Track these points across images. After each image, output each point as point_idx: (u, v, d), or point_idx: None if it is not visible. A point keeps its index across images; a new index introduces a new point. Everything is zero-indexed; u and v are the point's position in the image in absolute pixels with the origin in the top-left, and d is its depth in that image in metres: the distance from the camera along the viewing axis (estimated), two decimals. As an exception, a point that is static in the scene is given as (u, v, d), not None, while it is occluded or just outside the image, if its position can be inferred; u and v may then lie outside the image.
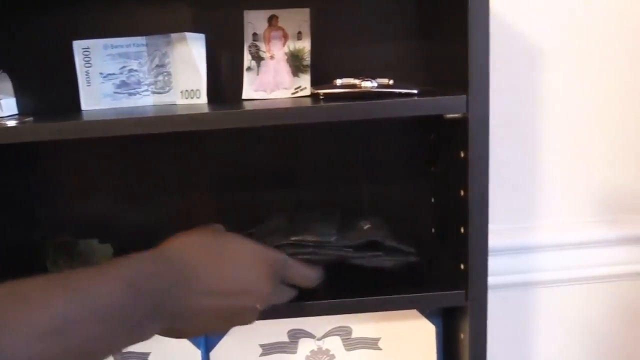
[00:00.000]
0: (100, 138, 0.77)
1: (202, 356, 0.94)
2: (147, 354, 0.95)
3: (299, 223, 0.88)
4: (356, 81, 0.82)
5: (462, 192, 0.78)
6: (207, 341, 0.95)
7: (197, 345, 0.94)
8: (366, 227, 0.87)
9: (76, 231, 1.04)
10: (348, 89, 0.81)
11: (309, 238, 0.83)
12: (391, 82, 0.83)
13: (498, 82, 1.04)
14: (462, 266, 0.80)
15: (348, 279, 0.86)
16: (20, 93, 0.99)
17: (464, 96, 0.74)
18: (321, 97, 0.84)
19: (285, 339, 0.94)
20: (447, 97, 0.74)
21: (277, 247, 0.84)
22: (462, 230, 0.79)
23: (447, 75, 0.85)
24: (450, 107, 0.75)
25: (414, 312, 0.93)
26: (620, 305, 1.19)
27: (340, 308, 0.82)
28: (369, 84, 0.80)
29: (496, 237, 1.12)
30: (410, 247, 0.84)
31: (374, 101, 0.74)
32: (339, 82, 0.84)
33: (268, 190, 1.04)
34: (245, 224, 1.01)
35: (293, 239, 0.83)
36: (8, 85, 0.98)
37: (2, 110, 0.95)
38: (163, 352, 0.94)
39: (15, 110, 0.99)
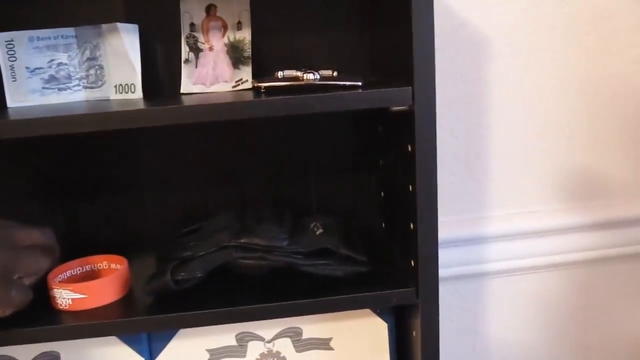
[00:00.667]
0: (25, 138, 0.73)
1: (145, 364, 0.90)
2: (86, 365, 0.90)
3: (247, 222, 0.85)
4: (298, 73, 0.78)
5: (410, 187, 0.76)
6: (151, 347, 0.91)
7: (141, 352, 0.90)
8: (318, 232, 0.84)
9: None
10: (290, 82, 0.78)
11: (258, 241, 0.80)
12: (335, 73, 0.81)
13: (443, 73, 1.02)
14: (412, 263, 0.78)
15: (296, 278, 0.83)
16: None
17: (409, 88, 0.72)
18: (262, 90, 0.80)
19: (234, 342, 0.91)
20: (391, 89, 0.72)
21: (224, 247, 0.81)
22: (411, 226, 0.77)
23: (392, 66, 0.82)
24: (395, 99, 0.72)
25: (366, 310, 0.91)
26: (572, 291, 1.21)
27: (290, 310, 0.79)
28: (311, 77, 0.77)
29: (447, 228, 1.11)
30: (362, 255, 0.83)
31: (316, 95, 0.71)
32: (280, 74, 0.81)
33: (211, 187, 1.00)
34: (188, 221, 0.97)
35: (242, 241, 0.80)
36: None
37: None
38: (104, 362, 0.90)
39: None
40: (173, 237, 0.94)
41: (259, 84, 0.81)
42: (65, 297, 0.81)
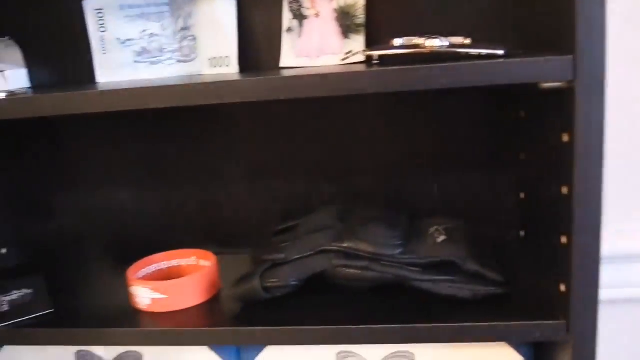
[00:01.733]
0: (119, 113, 0.64)
1: (233, 377, 0.80)
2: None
3: (352, 222, 0.72)
4: (420, 40, 0.63)
5: (564, 189, 0.59)
6: (240, 357, 0.80)
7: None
8: (440, 239, 0.69)
9: (93, 219, 0.93)
10: (410, 50, 0.63)
11: (364, 247, 0.66)
12: (467, 41, 0.65)
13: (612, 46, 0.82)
14: (561, 287, 0.61)
15: (407, 294, 0.69)
16: (34, 64, 0.88)
17: (570, 58, 0.54)
18: (375, 60, 0.66)
19: (332, 362, 0.78)
20: (547, 58, 0.55)
21: (323, 252, 0.68)
22: (563, 239, 0.60)
23: (543, 32, 0.65)
24: (550, 72, 0.55)
25: (495, 336, 0.74)
26: None
27: (403, 336, 0.65)
28: (437, 43, 0.62)
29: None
30: (496, 272, 0.66)
31: (444, 64, 0.56)
32: (397, 41, 0.66)
33: (315, 179, 0.87)
34: (285, 215, 0.86)
35: (345, 245, 0.67)
36: (17, 54, 0.87)
37: (6, 83, 0.83)
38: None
39: (26, 83, 0.87)
40: (268, 234, 0.82)
41: (371, 53, 0.67)
42: (144, 295, 0.72)
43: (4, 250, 0.93)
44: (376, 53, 0.66)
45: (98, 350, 0.84)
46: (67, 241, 0.94)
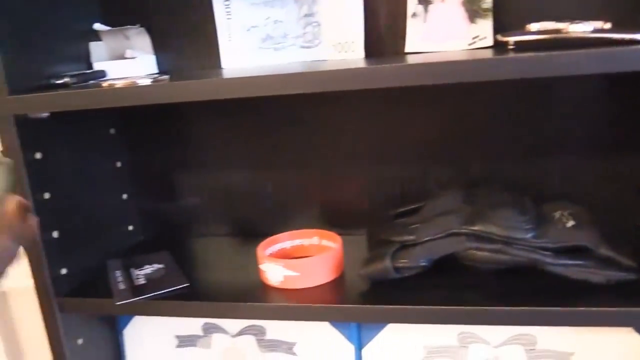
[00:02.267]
0: (240, 99, 0.68)
1: (355, 352, 0.83)
2: (293, 344, 0.86)
3: (479, 206, 0.73)
4: (561, 25, 0.64)
5: None
6: (360, 335, 0.84)
7: (350, 338, 0.83)
8: (569, 224, 0.70)
9: (214, 199, 0.98)
10: (551, 35, 0.63)
11: (495, 230, 0.68)
12: (607, 25, 0.65)
13: None
14: None
15: (535, 278, 0.70)
16: (161, 50, 0.93)
17: None
18: (511, 46, 0.67)
19: (454, 342, 0.80)
20: None
21: (454, 234, 0.70)
22: None
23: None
24: None
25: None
26: None
27: (531, 318, 0.67)
28: (581, 28, 0.62)
29: None
30: (629, 258, 0.67)
31: (593, 50, 0.57)
32: (534, 27, 0.66)
33: (430, 163, 0.89)
34: (404, 199, 0.88)
35: (476, 228, 0.69)
36: (146, 42, 0.92)
37: (138, 69, 0.89)
38: (311, 343, 0.85)
39: (154, 69, 0.93)
40: (386, 216, 0.85)
41: (506, 39, 0.67)
42: (276, 272, 0.76)
43: (130, 227, 1.00)
44: (512, 39, 0.67)
45: (224, 323, 0.89)
46: (189, 220, 1.00)
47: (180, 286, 0.80)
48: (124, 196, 0.98)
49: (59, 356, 0.83)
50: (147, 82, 0.73)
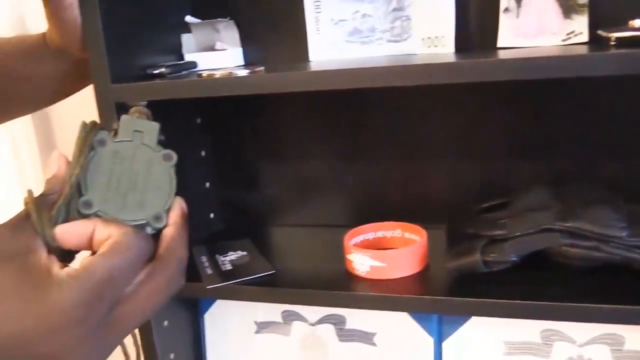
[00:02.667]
0: (327, 93, 0.70)
1: (434, 345, 0.84)
2: (373, 334, 0.88)
3: (569, 203, 0.73)
4: (668, 21, 0.63)
5: None
6: (441, 329, 0.85)
7: (430, 331, 0.84)
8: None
9: (294, 189, 1.00)
10: (659, 32, 0.63)
11: (590, 228, 0.68)
12: None
13: None
14: None
15: (624, 278, 0.70)
16: (247, 42, 0.95)
17: None
18: (612, 42, 0.67)
19: (537, 339, 0.80)
20: None
21: (547, 230, 0.70)
22: None
23: None
24: None
25: None
26: None
27: (613, 316, 0.67)
28: (690, 24, 0.61)
29: None
30: None
31: None
32: (638, 22, 0.66)
33: (514, 157, 0.89)
34: (486, 194, 0.88)
35: (569, 225, 0.69)
36: (234, 34, 0.95)
37: (229, 61, 0.92)
38: (390, 334, 0.87)
39: (241, 61, 0.96)
40: (469, 210, 0.85)
41: (608, 34, 0.67)
42: (363, 263, 0.78)
43: (211, 215, 1.03)
44: (616, 34, 0.66)
45: (303, 311, 0.91)
46: (269, 209, 1.02)
47: (267, 273, 0.83)
48: (207, 184, 1.01)
49: (147, 336, 0.87)
50: (245, 73, 0.75)
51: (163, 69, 0.83)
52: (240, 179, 1.03)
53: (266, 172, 1.01)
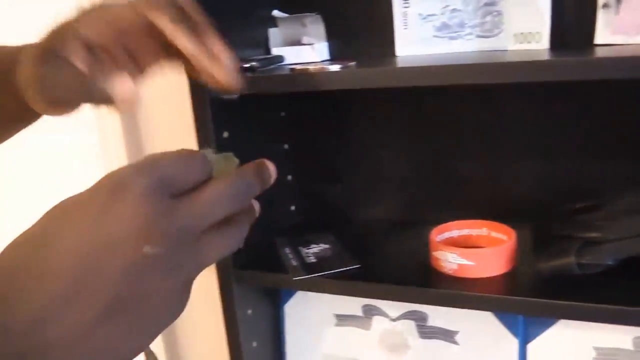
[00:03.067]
0: (411, 88, 0.70)
1: (519, 347, 0.84)
2: (455, 332, 0.88)
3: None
4: None
5: None
6: (526, 331, 0.84)
7: (515, 333, 0.84)
8: None
9: (374, 184, 1.01)
10: None
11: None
12: None
13: None
14: None
15: None
16: (333, 37, 0.96)
17: None
18: None
19: (629, 346, 0.79)
20: None
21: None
22: None
23: None
24: None
25: None
26: None
27: None
28: None
29: None
30: None
31: None
32: None
33: (606, 158, 0.87)
34: (575, 195, 0.86)
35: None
36: (320, 29, 0.96)
37: (316, 55, 0.93)
38: (473, 333, 0.86)
39: (326, 55, 0.96)
40: (560, 211, 0.84)
41: None
42: (451, 260, 0.78)
43: (292, 208, 1.05)
44: None
45: (384, 306, 0.92)
46: (350, 203, 1.03)
47: (352, 267, 0.84)
48: (289, 177, 1.03)
49: (231, 324, 0.89)
50: (336, 68, 0.76)
51: (253, 63, 0.85)
52: (322, 172, 1.04)
53: (349, 166, 1.02)
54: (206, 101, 0.80)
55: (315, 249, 0.91)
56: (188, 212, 0.35)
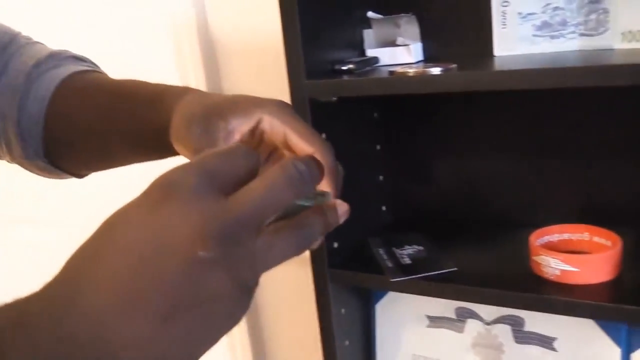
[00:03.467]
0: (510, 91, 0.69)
1: (621, 356, 0.81)
2: (553, 339, 0.86)
3: None
4: None
5: None
6: (630, 340, 0.82)
7: (617, 342, 0.81)
8: None
9: (463, 185, 1.00)
10: None
11: None
12: None
13: None
14: None
15: None
16: (425, 37, 0.96)
17: None
18: None
19: None
20: None
21: None
22: None
23: None
24: None
25: None
26: None
27: None
28: None
29: None
30: None
31: None
32: None
33: None
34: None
35: None
36: (415, 29, 0.96)
37: (410, 56, 0.93)
38: (573, 340, 0.85)
39: (420, 56, 0.96)
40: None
41: None
42: (553, 266, 0.77)
43: (383, 208, 1.05)
44: None
45: (479, 309, 0.91)
46: (441, 204, 1.03)
47: (449, 270, 0.83)
48: (380, 178, 1.04)
49: (326, 323, 0.91)
50: (437, 71, 0.76)
51: (351, 65, 0.86)
52: (413, 173, 1.04)
53: (440, 167, 1.02)
54: (306, 102, 0.82)
55: (409, 250, 0.92)
56: (240, 207, 0.33)
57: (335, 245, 0.90)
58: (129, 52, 1.32)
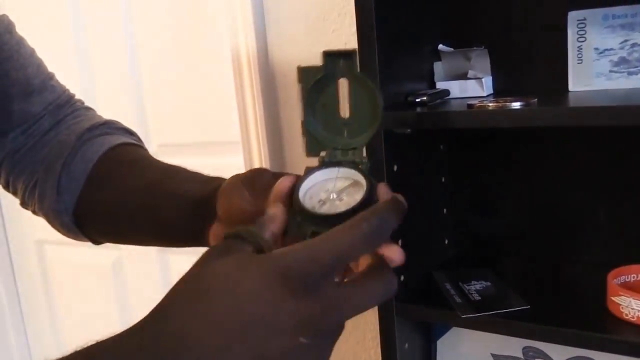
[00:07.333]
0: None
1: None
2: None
3: None
4: None
5: None
6: None
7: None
8: None
9: (529, 220, 1.01)
10: None
11: None
12: None
13: None
14: None
15: None
16: (496, 69, 0.99)
17: None
18: None
19: None
20: None
21: None
22: None
23: None
24: None
25: None
26: None
27: None
28: None
29: None
30: None
31: None
32: None
33: None
34: None
35: None
36: (486, 62, 0.98)
37: (482, 90, 0.95)
38: None
39: (490, 89, 0.99)
40: None
41: None
42: (634, 307, 0.77)
43: (446, 241, 1.07)
44: None
45: (547, 349, 0.92)
46: (505, 239, 1.04)
47: (521, 307, 0.84)
48: (444, 210, 1.05)
49: (391, 358, 0.92)
50: (517, 105, 0.78)
51: (424, 98, 0.89)
52: (478, 206, 1.06)
53: (506, 202, 1.03)
54: (380, 133, 0.84)
55: (476, 285, 0.93)
56: (338, 310, 0.39)
57: (402, 278, 0.91)
58: (190, 82, 1.37)
